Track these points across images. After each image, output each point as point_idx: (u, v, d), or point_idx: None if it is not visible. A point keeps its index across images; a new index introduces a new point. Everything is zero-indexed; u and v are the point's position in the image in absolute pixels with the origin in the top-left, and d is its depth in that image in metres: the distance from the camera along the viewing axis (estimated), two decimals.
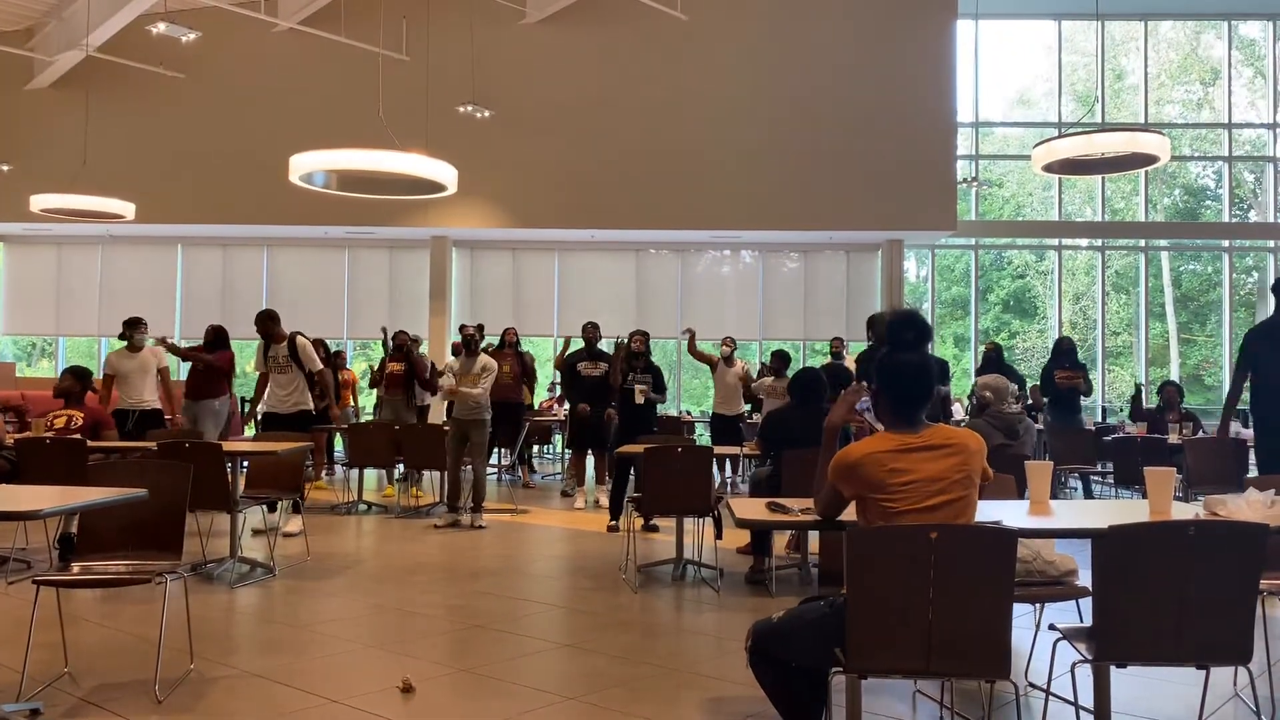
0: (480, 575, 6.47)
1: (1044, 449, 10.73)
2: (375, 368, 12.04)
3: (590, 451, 10.03)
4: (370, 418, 12.06)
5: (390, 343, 10.82)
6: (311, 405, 8.35)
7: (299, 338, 8.36)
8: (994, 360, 10.84)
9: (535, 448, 12.91)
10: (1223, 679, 3.99)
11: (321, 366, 8.42)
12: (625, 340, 9.17)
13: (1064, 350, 10.45)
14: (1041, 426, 11.19)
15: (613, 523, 8.14)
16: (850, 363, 10.30)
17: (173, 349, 8.96)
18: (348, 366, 12.57)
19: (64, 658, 4.21)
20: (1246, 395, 6.51)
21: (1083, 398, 10.46)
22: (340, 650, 4.61)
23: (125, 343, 8.47)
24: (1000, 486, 3.99)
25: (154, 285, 16.17)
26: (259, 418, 8.25)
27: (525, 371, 11.24)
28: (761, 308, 15.98)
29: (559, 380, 10.56)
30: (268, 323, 8.24)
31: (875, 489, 2.87)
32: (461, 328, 8.76)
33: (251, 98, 14.91)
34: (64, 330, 16.62)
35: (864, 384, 3.24)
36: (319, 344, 11.76)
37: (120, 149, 14.64)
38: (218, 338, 8.75)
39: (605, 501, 9.37)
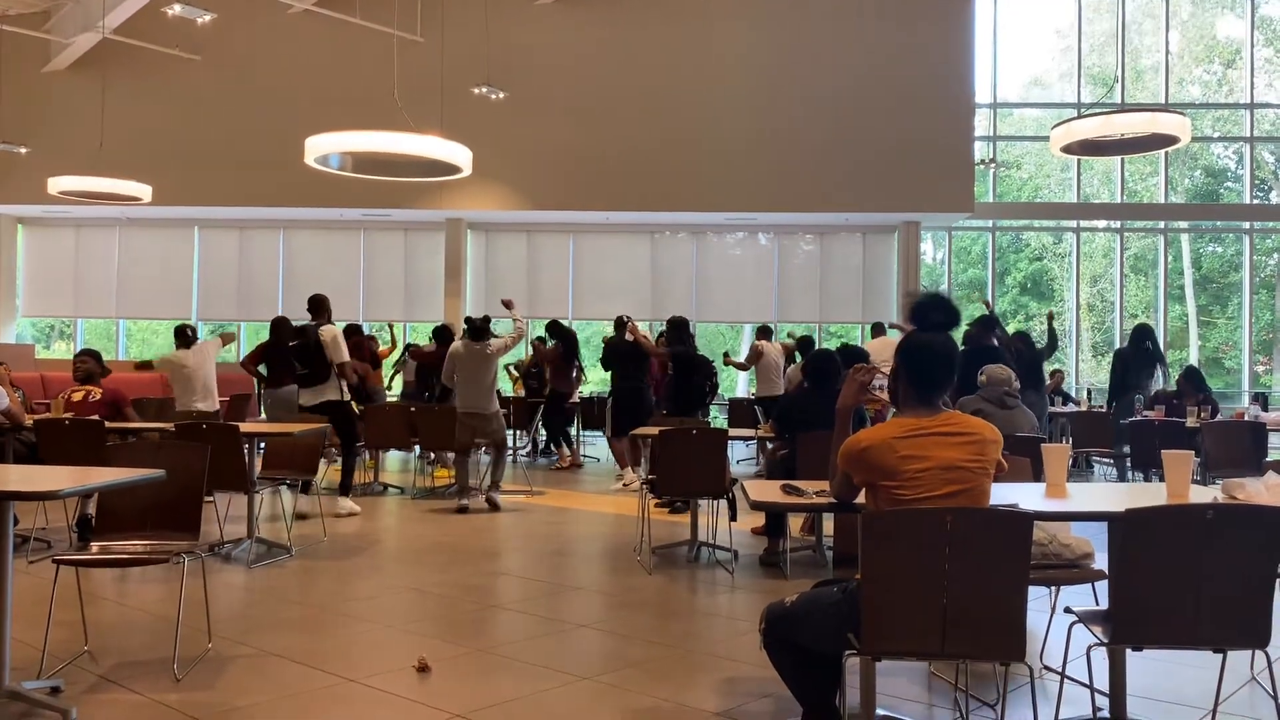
0: (496, 556, 6.50)
1: (1060, 432, 10.71)
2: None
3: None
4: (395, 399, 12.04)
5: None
6: None
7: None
8: (990, 324, 9.03)
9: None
10: (1240, 663, 3.97)
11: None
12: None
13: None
14: (1067, 410, 11.16)
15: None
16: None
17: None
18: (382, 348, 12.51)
19: (84, 636, 4.24)
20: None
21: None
22: (357, 630, 4.64)
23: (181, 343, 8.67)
24: (1016, 470, 3.97)
25: (171, 267, 16.23)
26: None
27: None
28: (777, 290, 15.92)
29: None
30: None
31: (886, 475, 2.84)
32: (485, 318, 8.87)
33: (267, 80, 14.92)
34: (82, 312, 16.71)
35: (872, 365, 3.22)
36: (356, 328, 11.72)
37: (137, 131, 14.67)
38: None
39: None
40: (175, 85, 14.89)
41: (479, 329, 8.53)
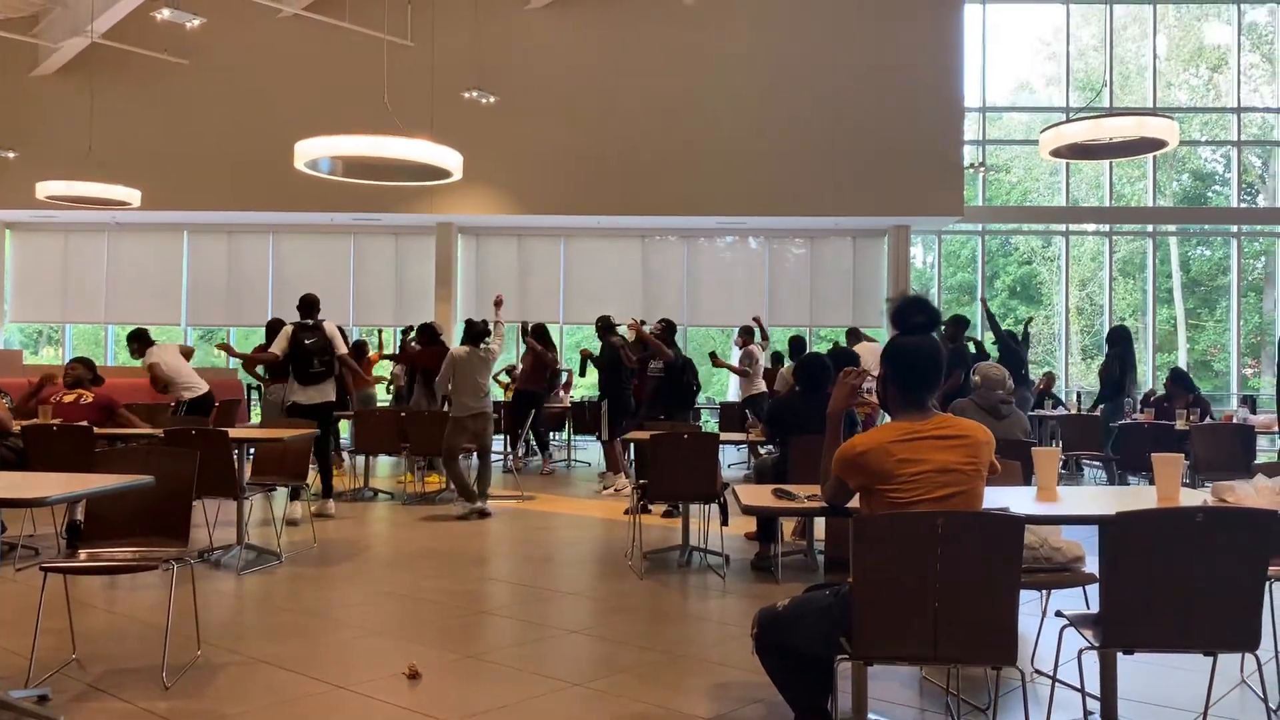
0: (486, 561, 6.48)
1: (1050, 436, 10.73)
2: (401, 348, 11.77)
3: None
4: (386, 403, 12.01)
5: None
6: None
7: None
8: (960, 323, 9.76)
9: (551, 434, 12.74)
10: (1230, 666, 3.98)
11: None
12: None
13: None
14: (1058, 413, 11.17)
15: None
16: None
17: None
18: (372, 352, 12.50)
19: (72, 644, 4.21)
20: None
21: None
22: (347, 637, 4.62)
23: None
24: (1006, 473, 3.97)
25: (160, 272, 16.19)
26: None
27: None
28: (768, 294, 15.94)
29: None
30: None
31: (882, 480, 2.83)
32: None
33: (256, 84, 14.89)
34: (70, 318, 16.64)
35: (863, 368, 3.22)
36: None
37: (125, 136, 14.63)
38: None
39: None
40: (164, 89, 14.86)
41: (479, 333, 8.48)
